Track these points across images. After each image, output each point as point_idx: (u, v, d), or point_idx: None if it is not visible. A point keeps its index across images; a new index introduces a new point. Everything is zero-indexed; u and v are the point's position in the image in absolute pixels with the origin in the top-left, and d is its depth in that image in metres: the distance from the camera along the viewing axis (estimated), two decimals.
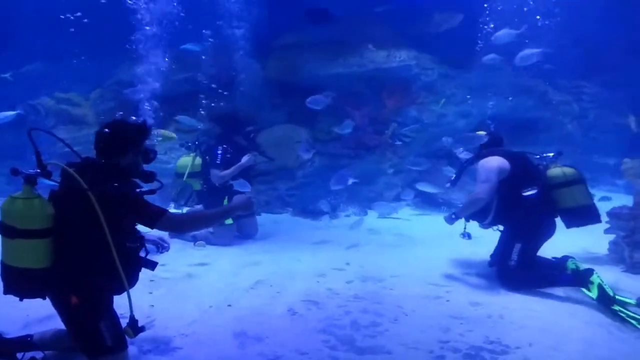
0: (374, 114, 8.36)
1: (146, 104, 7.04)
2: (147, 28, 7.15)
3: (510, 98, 4.78)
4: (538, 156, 4.66)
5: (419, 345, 3.29)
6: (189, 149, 6.39)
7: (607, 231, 5.23)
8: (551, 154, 4.63)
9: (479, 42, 7.95)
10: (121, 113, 4.09)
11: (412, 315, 3.80)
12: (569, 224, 4.53)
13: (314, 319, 3.72)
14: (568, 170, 4.47)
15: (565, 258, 4.59)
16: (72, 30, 7.58)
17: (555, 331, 3.49)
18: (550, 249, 4.62)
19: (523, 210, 4.36)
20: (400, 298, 4.14)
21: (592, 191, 4.77)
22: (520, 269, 4.31)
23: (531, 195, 4.34)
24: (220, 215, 3.32)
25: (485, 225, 4.65)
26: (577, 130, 9.73)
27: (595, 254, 5.25)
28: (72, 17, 7.48)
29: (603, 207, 4.89)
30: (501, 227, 4.66)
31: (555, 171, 4.47)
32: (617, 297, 3.86)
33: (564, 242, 5.60)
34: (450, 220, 4.60)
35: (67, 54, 8.57)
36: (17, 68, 8.82)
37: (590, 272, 4.12)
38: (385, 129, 8.26)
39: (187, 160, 6.23)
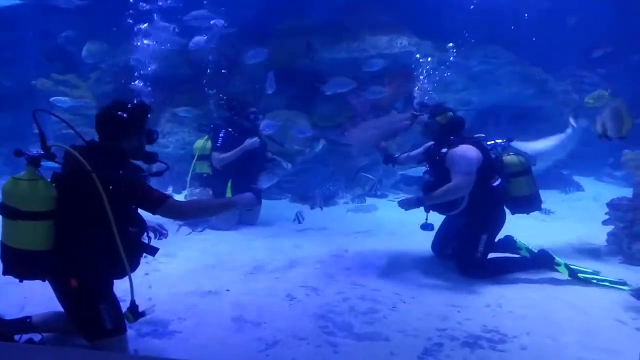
0: (374, 100, 8.29)
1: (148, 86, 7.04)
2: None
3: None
4: (491, 142, 4.57)
5: (417, 333, 3.30)
6: (203, 131, 6.48)
7: (605, 222, 5.21)
8: (501, 141, 4.59)
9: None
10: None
11: (410, 302, 3.81)
12: (515, 211, 4.61)
13: (313, 304, 3.73)
14: (522, 158, 4.51)
15: (510, 238, 4.67)
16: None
17: (553, 321, 3.50)
18: (546, 240, 4.64)
19: (491, 201, 4.35)
20: (398, 285, 4.14)
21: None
22: (484, 258, 4.36)
23: (497, 185, 4.35)
24: (221, 207, 3.43)
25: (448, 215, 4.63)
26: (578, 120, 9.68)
27: (593, 245, 5.24)
28: None
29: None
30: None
31: (513, 159, 4.49)
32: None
33: (561, 233, 5.63)
34: (412, 205, 4.43)
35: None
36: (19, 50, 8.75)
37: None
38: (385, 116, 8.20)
39: (202, 142, 6.33)
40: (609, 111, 3.80)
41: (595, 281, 4.19)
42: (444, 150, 4.31)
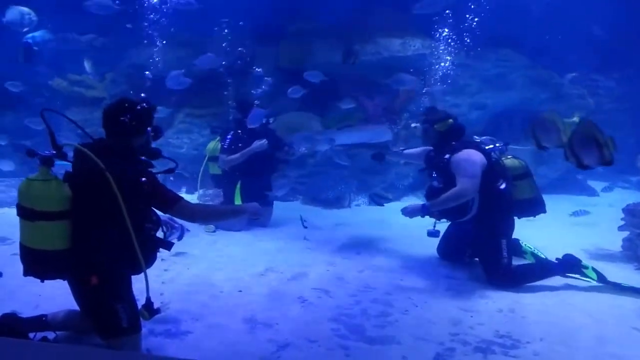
0: (387, 104, 8.28)
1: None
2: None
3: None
4: (490, 146, 4.51)
5: (428, 337, 3.28)
6: (216, 132, 6.57)
7: (621, 228, 5.16)
8: (498, 145, 4.54)
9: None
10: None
11: (422, 306, 3.80)
12: (521, 215, 4.54)
13: (324, 307, 3.73)
14: (523, 161, 4.50)
15: (516, 242, 4.68)
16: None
17: (567, 327, 3.47)
18: (561, 246, 4.59)
19: (500, 205, 4.30)
20: (410, 289, 4.13)
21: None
22: (510, 263, 4.26)
23: (504, 188, 4.30)
24: (230, 214, 3.72)
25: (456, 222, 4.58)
26: None
27: (608, 250, 5.20)
28: None
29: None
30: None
31: (514, 162, 4.49)
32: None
33: (576, 238, 5.58)
34: (416, 212, 4.39)
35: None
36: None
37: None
38: (398, 119, 8.19)
39: (213, 144, 6.45)
40: (539, 121, 3.74)
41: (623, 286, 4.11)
42: (447, 156, 4.29)
